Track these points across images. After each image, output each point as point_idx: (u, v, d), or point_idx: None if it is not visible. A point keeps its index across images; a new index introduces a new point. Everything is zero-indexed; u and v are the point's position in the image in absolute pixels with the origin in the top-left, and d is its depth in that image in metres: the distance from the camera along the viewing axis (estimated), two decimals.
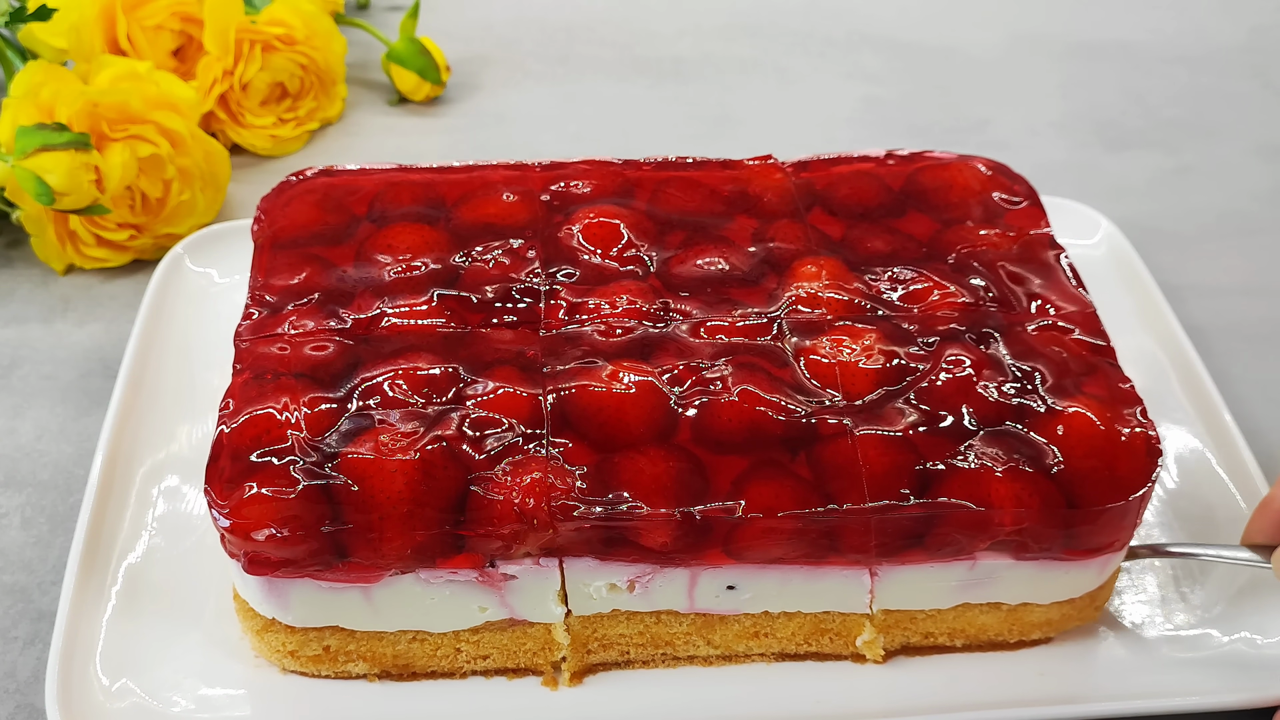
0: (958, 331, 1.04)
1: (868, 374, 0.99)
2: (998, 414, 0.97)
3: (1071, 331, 1.05)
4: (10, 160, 1.32)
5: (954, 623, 1.03)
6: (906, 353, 1.01)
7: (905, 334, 1.03)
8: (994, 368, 1.00)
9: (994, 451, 0.95)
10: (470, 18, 1.91)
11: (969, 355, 1.01)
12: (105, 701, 0.97)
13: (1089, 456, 0.95)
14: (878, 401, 0.98)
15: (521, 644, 1.02)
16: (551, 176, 1.20)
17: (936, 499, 0.94)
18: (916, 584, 0.99)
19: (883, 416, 0.97)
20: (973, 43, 1.88)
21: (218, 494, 0.93)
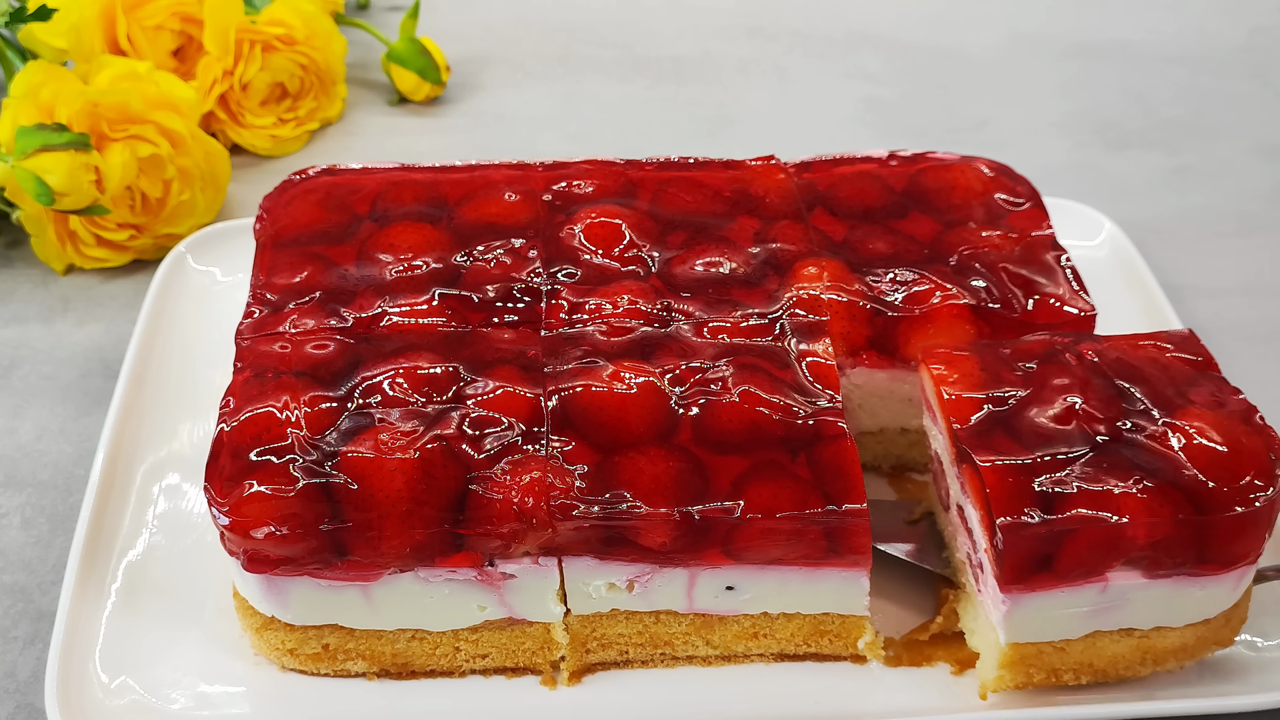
0: (1056, 350, 1.01)
1: (972, 402, 0.97)
2: (1112, 429, 0.94)
3: (1168, 349, 1.02)
4: (10, 160, 1.32)
5: (1083, 655, 0.98)
6: (1007, 376, 0.99)
7: (1001, 358, 1.01)
8: (1099, 383, 0.98)
9: (1116, 466, 0.92)
10: (470, 18, 1.91)
11: (1071, 375, 0.98)
12: (105, 699, 0.97)
13: (1214, 464, 0.92)
14: (985, 424, 0.96)
15: (520, 643, 1.02)
16: (553, 176, 1.20)
17: (1065, 514, 0.90)
18: (1046, 612, 0.94)
19: (993, 441, 0.94)
20: (973, 43, 1.88)
21: (218, 492, 0.93)
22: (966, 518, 0.98)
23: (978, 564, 0.97)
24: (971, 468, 0.93)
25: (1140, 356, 1.01)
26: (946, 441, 0.99)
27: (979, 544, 0.95)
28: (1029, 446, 0.93)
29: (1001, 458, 0.93)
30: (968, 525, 0.98)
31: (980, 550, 0.95)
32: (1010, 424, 0.95)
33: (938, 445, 1.04)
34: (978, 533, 0.95)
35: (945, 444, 1.00)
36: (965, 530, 0.99)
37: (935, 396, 1.00)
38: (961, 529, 1.00)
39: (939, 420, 1.00)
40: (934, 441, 1.05)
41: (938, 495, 1.08)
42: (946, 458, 1.00)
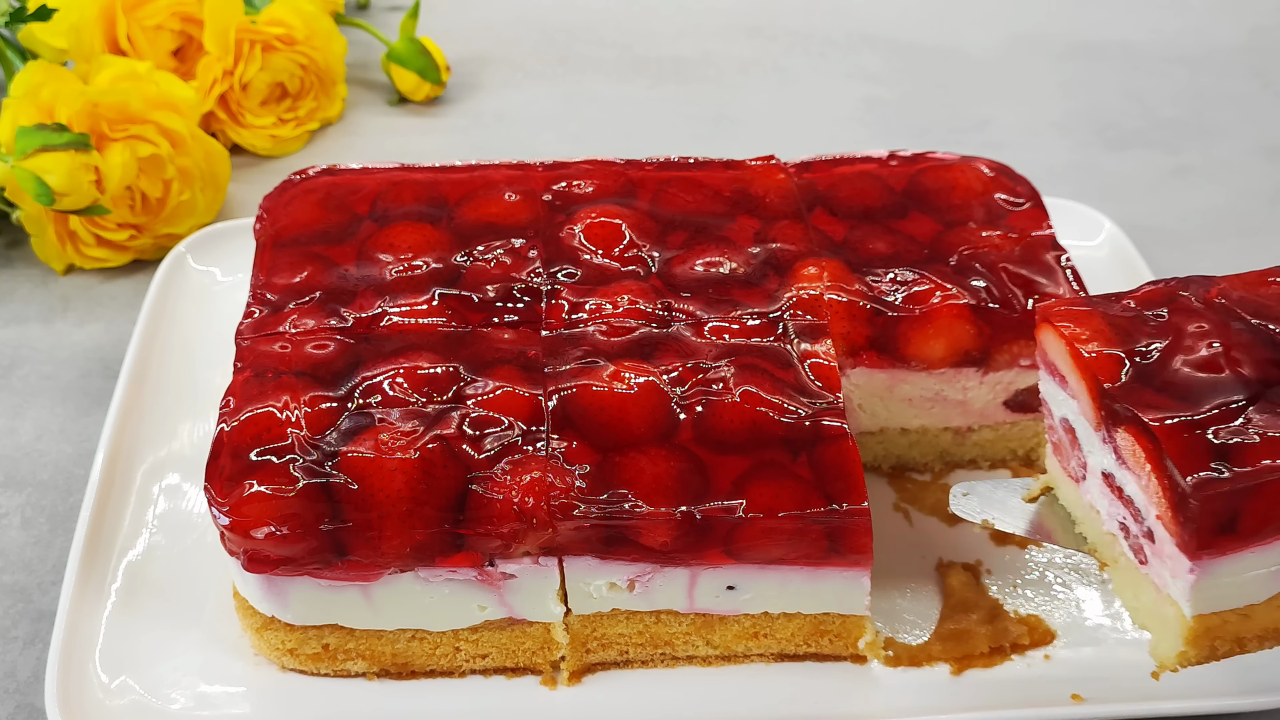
0: (1178, 295, 0.96)
1: (1114, 358, 0.91)
2: (1266, 371, 0.89)
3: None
4: (10, 160, 1.32)
5: (1267, 619, 0.91)
6: (1139, 328, 0.93)
7: (1126, 310, 0.95)
8: (1237, 326, 0.92)
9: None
10: (470, 18, 1.91)
11: (1205, 319, 0.92)
12: (105, 699, 0.97)
13: None
14: (1134, 381, 0.89)
15: (520, 643, 1.02)
16: (553, 176, 1.20)
17: (1252, 467, 0.84)
18: (1234, 576, 0.88)
19: (1147, 397, 0.88)
20: (973, 43, 1.88)
21: (218, 492, 0.93)
22: (1121, 486, 0.92)
23: (1143, 534, 0.91)
24: (1137, 428, 0.87)
25: (1268, 294, 0.95)
26: (1089, 404, 0.92)
27: (1146, 512, 0.89)
28: (1188, 400, 0.87)
29: (1169, 414, 0.86)
30: (1123, 495, 0.92)
31: (1148, 518, 0.89)
32: (1159, 378, 0.88)
33: (1065, 411, 0.97)
34: (1144, 499, 0.89)
35: (1086, 407, 0.93)
36: (1120, 500, 0.92)
37: (1069, 356, 0.93)
38: (1111, 499, 0.94)
39: (1076, 382, 0.93)
40: (1057, 408, 0.99)
41: (1062, 469, 1.01)
42: (1086, 423, 0.94)
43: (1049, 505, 1.04)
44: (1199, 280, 0.97)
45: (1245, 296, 0.95)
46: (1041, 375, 0.99)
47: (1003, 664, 1.02)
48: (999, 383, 1.13)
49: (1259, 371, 0.88)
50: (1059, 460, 1.02)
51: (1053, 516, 1.03)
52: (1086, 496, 0.98)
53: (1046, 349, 0.97)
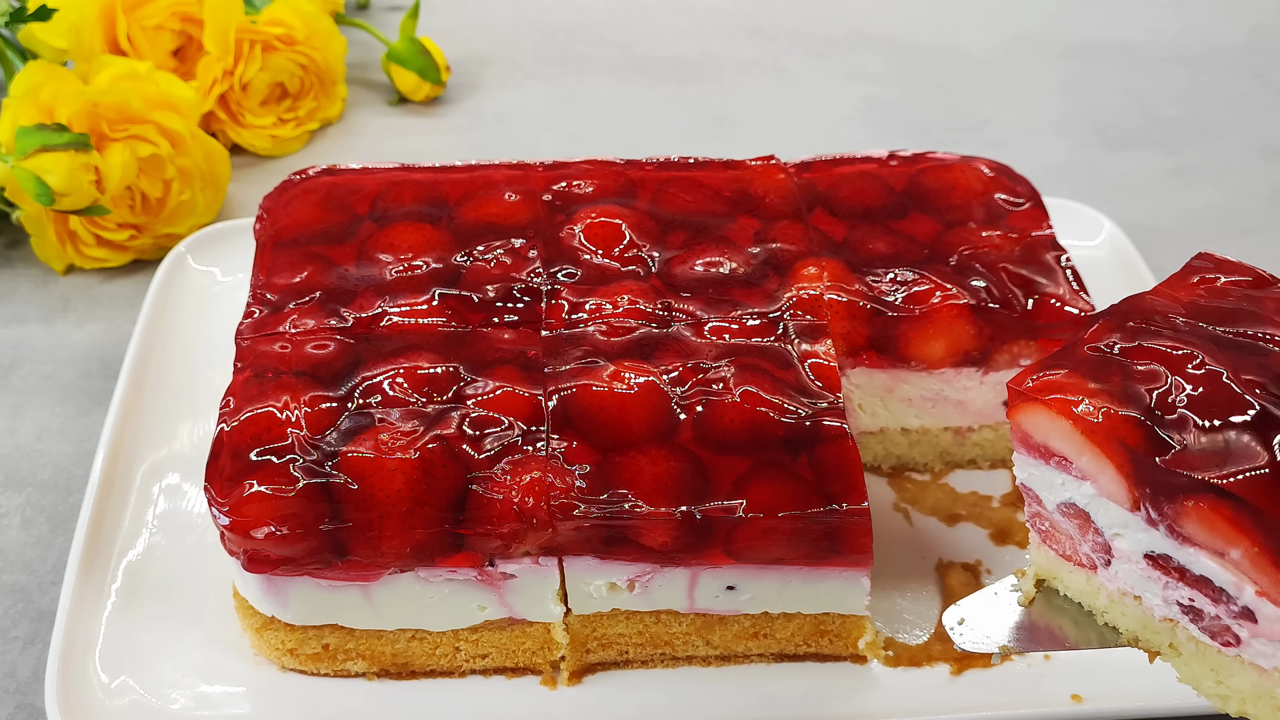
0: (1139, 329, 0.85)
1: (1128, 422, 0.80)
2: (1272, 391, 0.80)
3: (1224, 278, 0.90)
4: (10, 160, 1.32)
5: None
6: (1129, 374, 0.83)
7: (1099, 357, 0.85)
8: (1216, 345, 0.82)
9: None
10: (470, 18, 1.91)
11: (1185, 343, 0.81)
12: (105, 699, 0.97)
13: None
14: (1162, 444, 0.79)
15: (520, 643, 1.02)
16: (553, 176, 1.20)
17: None
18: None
19: (1196, 460, 0.78)
20: (973, 43, 1.88)
21: (218, 492, 0.93)
22: (1185, 566, 0.79)
23: (1232, 615, 0.79)
24: (1215, 497, 0.75)
25: (1217, 298, 0.87)
26: (1118, 482, 0.80)
27: (1238, 590, 0.77)
28: (1241, 447, 0.76)
29: (1236, 471, 0.74)
30: (1188, 576, 0.80)
31: (1243, 597, 0.77)
32: (1193, 430, 0.77)
33: (1067, 495, 0.85)
34: (1231, 577, 0.77)
35: (1113, 486, 0.81)
36: (1184, 582, 0.80)
37: (1078, 434, 0.81)
38: (1166, 582, 0.82)
39: (1094, 460, 0.81)
40: (1051, 494, 0.86)
41: (1063, 557, 0.89)
42: (1110, 505, 0.82)
43: (1051, 602, 0.93)
44: (1138, 304, 0.87)
45: (1205, 307, 0.86)
46: (1020, 461, 0.87)
47: (1003, 664, 1.02)
48: (999, 383, 1.13)
49: (1266, 391, 0.79)
50: (1054, 548, 0.90)
51: (1063, 614, 0.92)
52: (1114, 584, 0.86)
53: (1032, 431, 0.85)
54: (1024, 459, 0.86)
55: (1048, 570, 0.91)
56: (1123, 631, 0.87)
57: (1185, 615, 0.82)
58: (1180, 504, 0.77)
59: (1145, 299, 0.87)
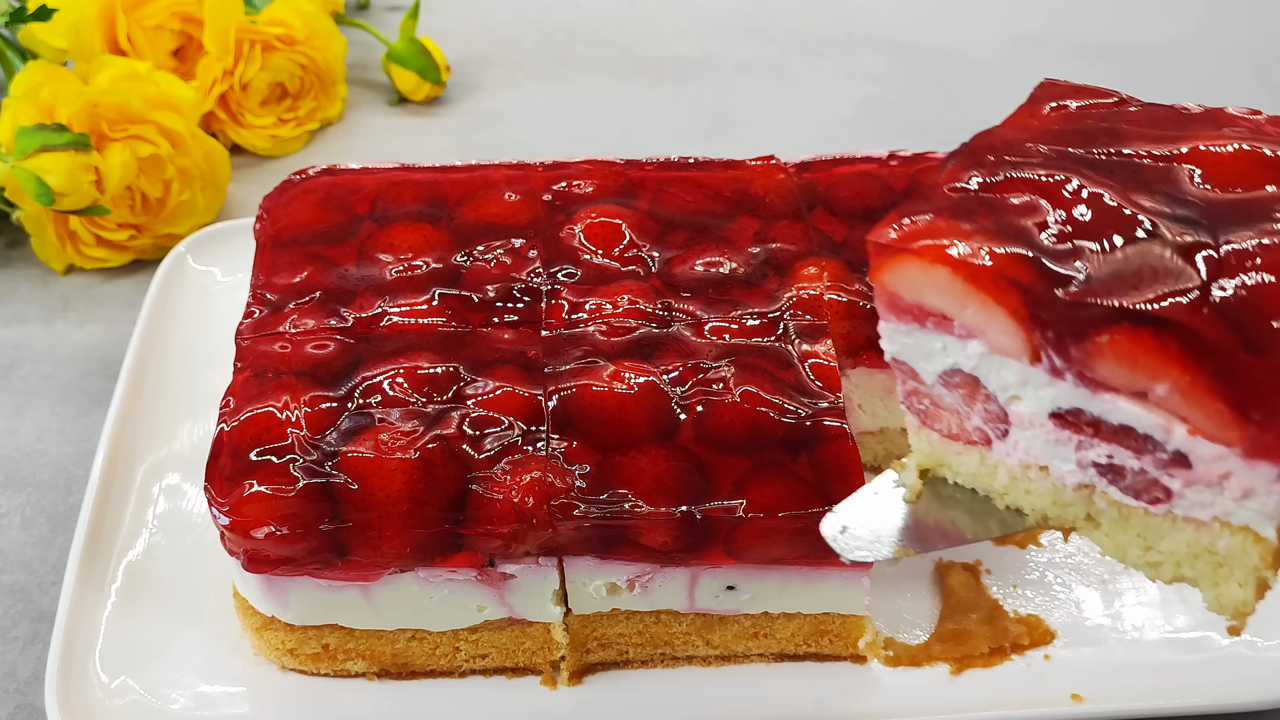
0: (996, 161, 0.77)
1: (1016, 259, 0.71)
2: (1169, 204, 0.73)
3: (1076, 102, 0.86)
4: (10, 160, 1.32)
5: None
6: (998, 209, 0.74)
7: (967, 198, 0.76)
8: (1087, 167, 0.76)
9: (1234, 227, 0.71)
10: (470, 18, 1.91)
11: (1057, 167, 0.75)
12: (105, 699, 0.97)
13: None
14: (1063, 280, 0.69)
15: (520, 643, 1.02)
16: (554, 176, 1.20)
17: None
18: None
19: (1100, 290, 0.69)
20: (973, 43, 1.88)
21: (218, 492, 0.93)
22: (1102, 417, 0.71)
23: (1161, 464, 0.71)
24: (1134, 326, 0.66)
25: (1070, 123, 0.81)
26: (1013, 330, 0.71)
27: (1168, 433, 0.69)
28: (1151, 271, 0.68)
29: (1157, 296, 0.66)
30: (1103, 428, 0.71)
31: (1174, 440, 0.69)
32: (1089, 260, 0.69)
33: (951, 360, 0.76)
34: (1159, 419, 0.69)
35: (1005, 337, 0.72)
36: (1099, 437, 0.72)
37: (961, 281, 0.71)
38: (1079, 442, 0.73)
39: (981, 309, 0.72)
40: (930, 363, 0.77)
41: (948, 437, 0.80)
42: (1003, 361, 0.73)
43: (939, 493, 0.83)
44: (991, 138, 0.79)
45: (1063, 132, 0.79)
46: (889, 332, 0.77)
47: (1003, 664, 1.02)
48: None
49: (1165, 202, 0.72)
50: (937, 430, 0.81)
51: (955, 505, 0.82)
52: (1014, 458, 0.77)
53: (902, 291, 0.75)
54: (893, 327, 0.77)
55: (933, 457, 0.82)
56: (1029, 512, 0.79)
57: (1103, 477, 0.74)
58: (1091, 342, 0.68)
59: (996, 132, 0.80)
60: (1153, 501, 0.73)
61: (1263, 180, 0.73)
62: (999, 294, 0.70)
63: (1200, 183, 0.73)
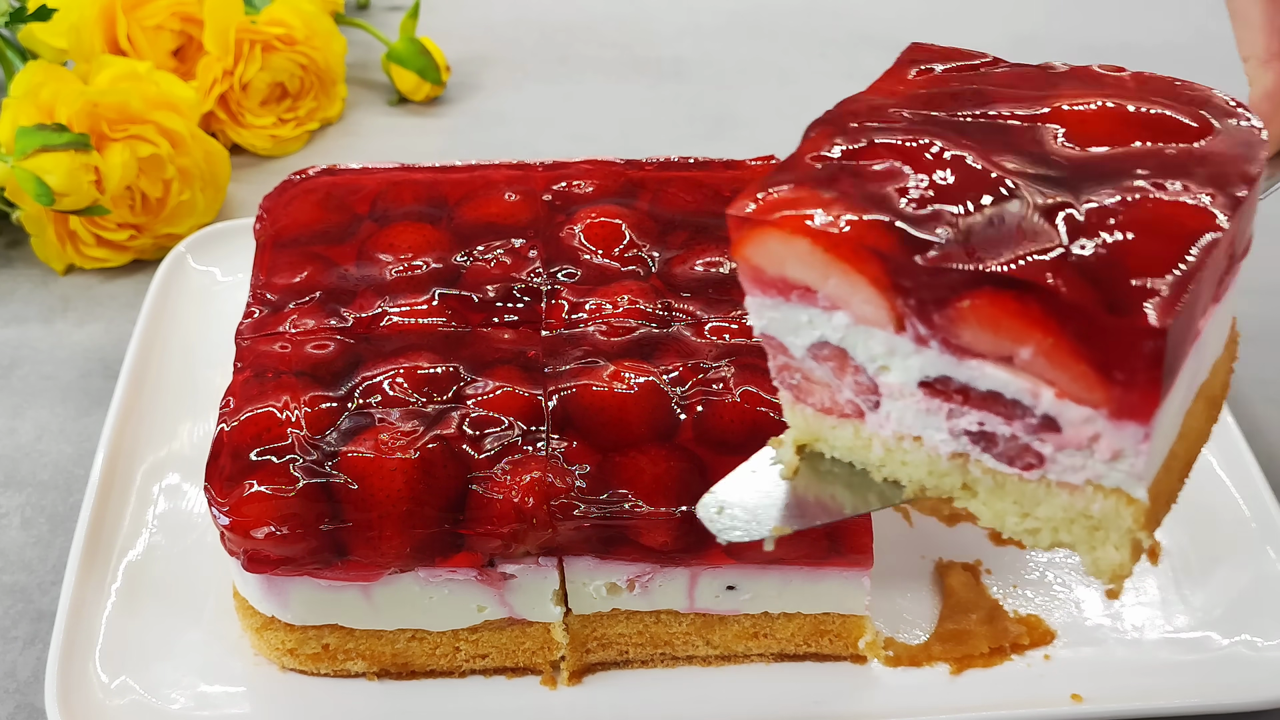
0: (849, 126, 0.77)
1: (878, 227, 0.69)
2: (1033, 162, 0.74)
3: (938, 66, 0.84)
4: (10, 160, 1.32)
5: (1182, 448, 0.77)
6: (855, 172, 0.73)
7: (823, 166, 0.75)
8: (951, 128, 0.76)
9: (1112, 187, 0.71)
10: (470, 18, 1.91)
11: (926, 136, 0.74)
12: (105, 699, 0.97)
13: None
14: (923, 246, 0.69)
15: (520, 643, 1.02)
16: (554, 176, 1.20)
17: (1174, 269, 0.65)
18: (1165, 420, 0.70)
19: (962, 254, 0.68)
20: (973, 43, 1.88)
21: (218, 492, 0.93)
22: (970, 384, 0.70)
23: (1030, 430, 0.70)
24: (996, 289, 0.66)
25: (942, 83, 0.81)
26: (875, 298, 0.70)
27: (1035, 397, 0.68)
28: (1012, 233, 0.67)
29: (1019, 255, 0.66)
30: (971, 395, 0.71)
31: (1043, 404, 0.68)
32: (950, 224, 0.68)
33: (818, 333, 0.74)
34: (1026, 384, 0.68)
35: (869, 306, 0.71)
36: (969, 404, 0.71)
37: (821, 250, 0.70)
38: (950, 410, 0.73)
39: (844, 279, 0.70)
40: (798, 336, 0.75)
41: (821, 412, 0.79)
42: (870, 331, 0.72)
43: (817, 468, 0.82)
44: (854, 105, 0.78)
45: (929, 95, 0.78)
46: (755, 306, 0.76)
47: (1003, 664, 1.02)
48: None
49: (1028, 162, 0.72)
50: (811, 404, 0.79)
51: (833, 479, 0.81)
52: (887, 429, 0.76)
53: (764, 264, 0.73)
54: (759, 301, 0.76)
55: (808, 432, 0.81)
56: (906, 483, 0.78)
57: (976, 445, 0.73)
58: (953, 307, 0.67)
59: (860, 98, 0.79)
60: (1026, 468, 0.72)
61: (1125, 137, 0.74)
62: (860, 263, 0.69)
63: (1064, 142, 0.74)
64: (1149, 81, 0.80)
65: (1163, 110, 0.76)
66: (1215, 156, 0.73)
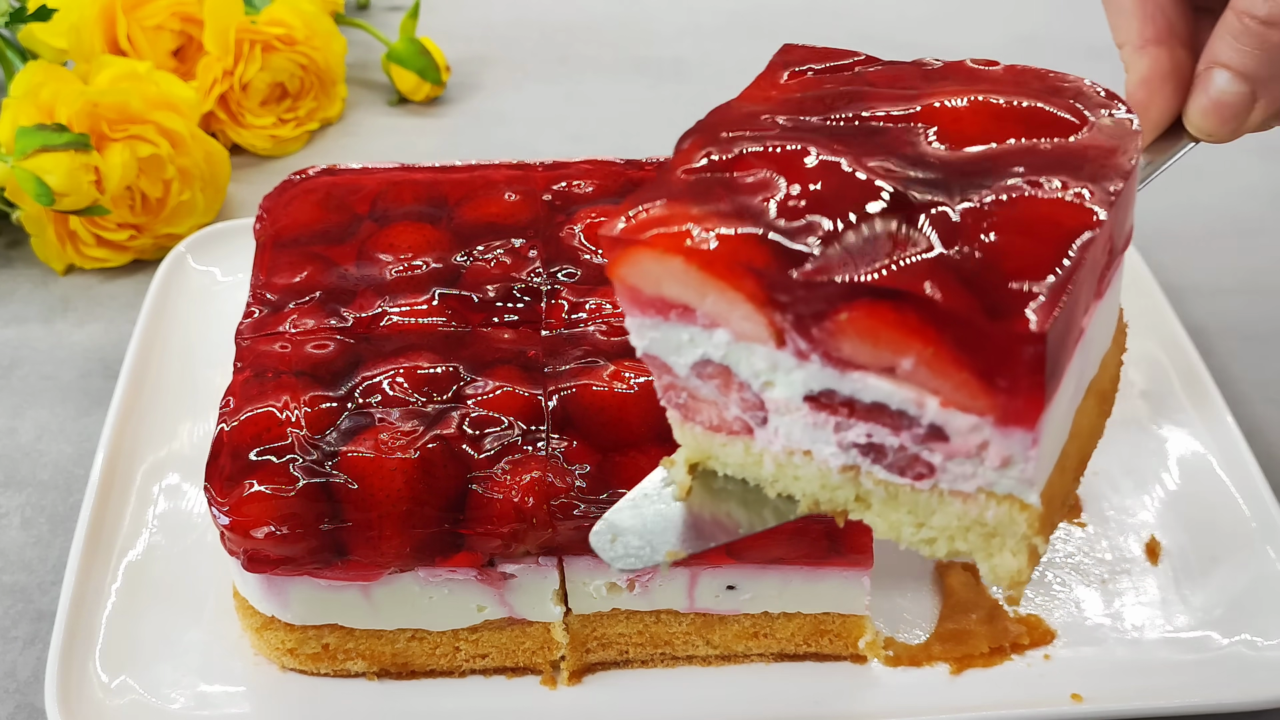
0: (712, 141, 0.76)
1: (750, 241, 0.68)
2: (910, 167, 0.72)
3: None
4: (10, 160, 1.32)
5: (1079, 451, 0.78)
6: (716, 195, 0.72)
7: (683, 182, 0.74)
8: (836, 134, 0.74)
9: (969, 187, 0.70)
10: (470, 18, 1.91)
11: (799, 142, 0.73)
12: (105, 699, 0.97)
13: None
14: (799, 258, 0.67)
15: (520, 643, 1.02)
16: (554, 176, 1.20)
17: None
18: (1054, 422, 0.70)
19: (837, 266, 0.67)
20: (973, 44, 1.88)
21: (218, 492, 0.93)
22: (855, 396, 0.69)
23: (918, 439, 0.69)
24: (874, 301, 0.64)
25: (815, 86, 0.80)
26: (754, 315, 0.69)
27: (920, 407, 0.67)
28: (885, 241, 0.65)
29: (891, 261, 0.64)
30: (858, 408, 0.70)
31: (928, 414, 0.67)
32: (826, 236, 0.66)
33: (700, 352, 0.73)
34: (911, 394, 0.67)
35: (748, 323, 0.70)
36: (855, 416, 0.70)
37: (696, 269, 0.68)
38: (838, 423, 0.71)
39: (721, 297, 0.69)
40: (680, 355, 0.74)
41: (710, 429, 0.78)
42: (752, 348, 0.71)
43: (710, 487, 0.81)
44: (727, 113, 0.78)
45: (803, 100, 0.77)
46: (635, 327, 0.75)
47: (1003, 664, 1.02)
48: None
49: (903, 165, 0.70)
50: (699, 423, 0.78)
51: (728, 497, 0.80)
52: (777, 444, 0.75)
53: (641, 284, 0.72)
54: (638, 322, 0.74)
55: (699, 450, 0.79)
56: (800, 498, 0.77)
57: (866, 457, 0.72)
58: (832, 320, 0.66)
59: (733, 105, 0.78)
60: (917, 478, 0.71)
61: (1000, 134, 0.73)
62: (735, 280, 0.68)
63: (938, 142, 0.72)
64: (1023, 75, 0.79)
65: (1036, 104, 0.75)
66: (1090, 150, 0.72)
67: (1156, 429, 1.20)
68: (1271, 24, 0.78)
